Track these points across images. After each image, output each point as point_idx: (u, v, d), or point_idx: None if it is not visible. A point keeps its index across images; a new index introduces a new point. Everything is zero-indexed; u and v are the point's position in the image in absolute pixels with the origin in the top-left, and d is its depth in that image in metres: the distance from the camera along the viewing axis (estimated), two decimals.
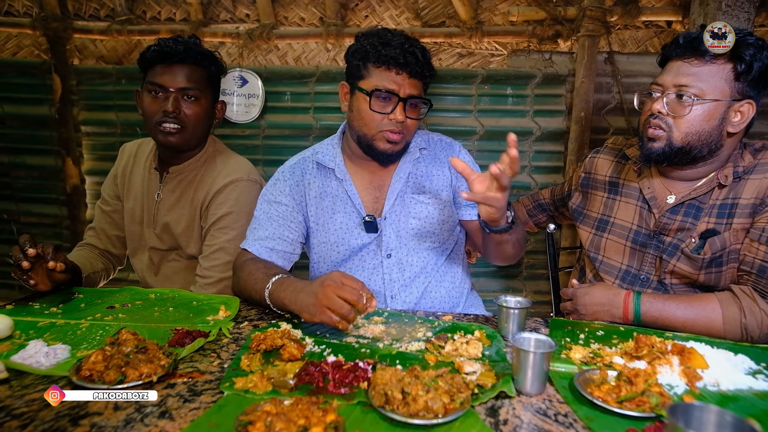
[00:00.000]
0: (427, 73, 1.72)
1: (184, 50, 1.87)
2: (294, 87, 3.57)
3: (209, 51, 1.98)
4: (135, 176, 2.11)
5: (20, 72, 3.75)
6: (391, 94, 1.66)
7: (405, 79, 1.67)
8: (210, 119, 2.02)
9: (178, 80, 1.87)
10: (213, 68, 1.97)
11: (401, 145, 1.76)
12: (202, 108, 1.94)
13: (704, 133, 1.54)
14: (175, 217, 2.00)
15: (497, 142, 3.48)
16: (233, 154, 2.13)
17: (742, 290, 1.51)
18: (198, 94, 1.91)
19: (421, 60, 1.68)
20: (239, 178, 1.97)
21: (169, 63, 1.87)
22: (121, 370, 1.07)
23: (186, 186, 2.01)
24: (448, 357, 1.25)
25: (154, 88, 1.88)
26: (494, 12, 3.43)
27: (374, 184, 1.85)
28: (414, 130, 1.79)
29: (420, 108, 1.76)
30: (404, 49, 1.64)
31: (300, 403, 0.93)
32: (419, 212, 1.83)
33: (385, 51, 1.65)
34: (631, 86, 3.32)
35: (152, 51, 1.88)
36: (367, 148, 1.76)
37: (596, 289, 1.64)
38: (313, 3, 3.52)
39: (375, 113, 1.69)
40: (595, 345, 1.35)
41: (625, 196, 1.79)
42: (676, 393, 1.12)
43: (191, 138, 1.95)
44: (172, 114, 1.86)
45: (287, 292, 1.44)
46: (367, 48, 1.68)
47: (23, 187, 3.91)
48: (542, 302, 3.64)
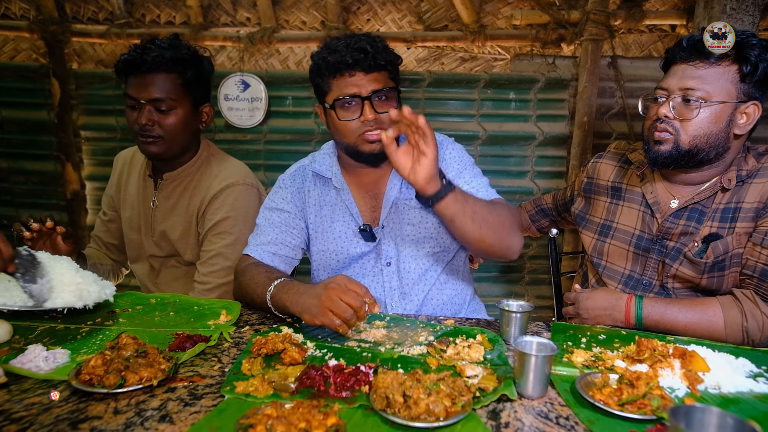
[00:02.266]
0: (384, 61, 1.65)
1: (153, 59, 1.79)
2: (296, 91, 3.58)
3: (188, 53, 1.90)
4: (130, 185, 2.09)
5: (18, 76, 3.75)
6: (354, 98, 1.63)
7: (362, 77, 1.63)
8: (193, 125, 1.96)
9: (148, 91, 1.82)
10: (189, 73, 1.89)
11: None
12: (177, 117, 1.88)
13: (712, 136, 1.53)
14: (171, 223, 1.99)
15: (500, 147, 3.47)
16: (228, 157, 2.10)
17: (743, 294, 1.50)
18: (172, 104, 1.85)
19: (371, 51, 1.61)
20: (235, 182, 1.95)
21: (139, 73, 1.82)
22: (120, 374, 1.07)
23: (181, 192, 1.99)
24: (450, 361, 1.25)
25: (129, 101, 1.84)
26: (497, 16, 3.44)
27: (371, 193, 1.84)
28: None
29: (392, 98, 1.69)
30: (350, 48, 1.60)
31: (301, 406, 0.92)
32: (413, 218, 1.81)
33: (332, 58, 1.62)
34: (634, 91, 3.32)
35: (123, 60, 1.82)
36: (356, 156, 1.73)
37: (598, 294, 1.64)
38: (314, 6, 3.53)
39: (346, 122, 1.66)
40: (597, 348, 1.35)
41: (628, 200, 1.79)
42: (677, 396, 1.11)
43: (172, 147, 1.91)
44: (145, 127, 1.82)
45: (289, 294, 1.44)
46: (319, 63, 1.67)
47: (23, 193, 3.91)
48: (545, 307, 3.64)
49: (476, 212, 1.53)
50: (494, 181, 2.15)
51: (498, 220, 1.60)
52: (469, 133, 3.48)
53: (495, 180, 2.85)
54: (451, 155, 1.84)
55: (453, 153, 1.85)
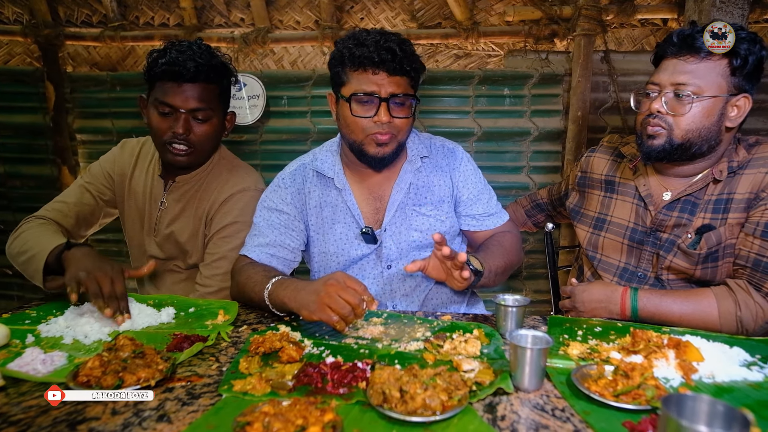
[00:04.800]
0: (409, 67, 1.63)
1: (196, 69, 1.76)
2: (291, 91, 3.58)
3: (221, 61, 1.89)
4: (137, 179, 2.03)
5: (12, 80, 3.74)
6: (372, 96, 1.61)
7: (384, 78, 1.61)
8: (221, 135, 1.96)
9: (189, 102, 1.79)
10: (225, 82, 1.90)
11: (391, 147, 1.69)
12: (212, 127, 1.88)
13: (704, 130, 1.54)
14: (180, 226, 1.97)
15: (495, 143, 3.47)
16: (239, 161, 2.09)
17: (737, 284, 1.51)
18: (210, 114, 1.84)
19: (399, 54, 1.59)
20: (247, 187, 1.94)
21: (179, 82, 1.78)
22: (118, 375, 1.07)
23: (191, 195, 1.97)
24: (447, 356, 1.25)
25: (162, 108, 1.79)
26: (490, 12, 3.44)
27: (374, 195, 1.82)
28: (406, 129, 1.71)
29: (408, 106, 1.68)
30: (379, 47, 1.57)
31: (298, 403, 0.93)
32: (420, 224, 1.80)
33: (359, 52, 1.59)
34: (627, 85, 3.33)
35: (161, 67, 1.77)
36: (359, 155, 1.72)
37: (594, 287, 1.65)
38: (308, 6, 3.53)
39: (359, 118, 1.64)
40: (592, 341, 1.36)
41: (622, 194, 1.80)
42: (672, 386, 1.12)
43: (200, 157, 1.91)
44: (182, 136, 1.80)
45: (287, 291, 1.44)
46: (343, 52, 1.63)
47: (19, 197, 3.91)
48: (542, 301, 3.64)
49: (498, 273, 1.72)
50: (490, 177, 2.16)
51: (514, 259, 1.82)
52: (465, 129, 3.48)
53: (491, 176, 2.86)
54: (466, 173, 1.87)
55: (468, 168, 1.88)
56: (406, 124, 1.69)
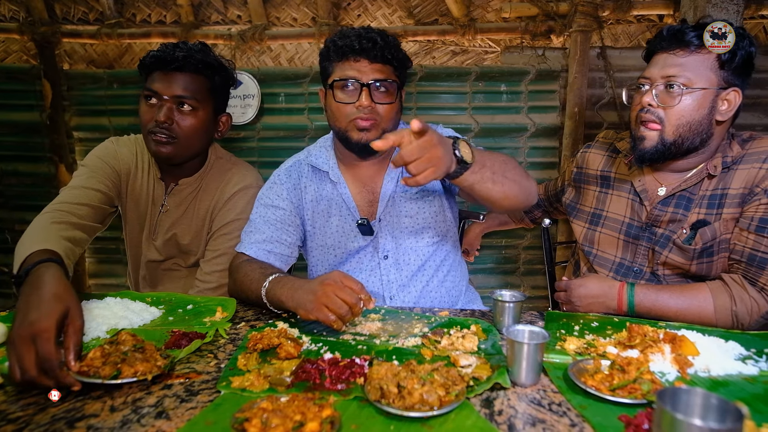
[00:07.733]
0: (390, 55, 1.67)
1: (184, 57, 1.76)
2: (288, 88, 3.58)
3: (217, 60, 1.88)
4: (137, 180, 1.98)
5: (9, 78, 3.73)
6: (353, 82, 1.65)
7: (366, 65, 1.66)
8: (209, 133, 1.93)
9: (173, 88, 1.77)
10: (217, 78, 1.88)
11: (374, 133, 1.68)
12: (198, 120, 1.84)
13: (695, 123, 1.55)
14: (182, 228, 1.96)
15: (492, 139, 3.48)
16: (237, 159, 2.08)
17: (732, 279, 1.53)
18: (195, 104, 1.81)
19: (380, 43, 1.64)
20: (249, 185, 1.95)
21: (166, 70, 1.78)
22: (116, 366, 1.08)
23: (193, 198, 1.97)
24: (444, 351, 1.26)
25: (149, 94, 1.78)
26: (487, 9, 3.44)
27: (368, 187, 1.84)
28: (390, 116, 1.72)
29: (392, 92, 1.70)
30: (360, 37, 1.63)
31: (296, 399, 0.93)
32: (410, 210, 1.82)
33: (342, 42, 1.65)
34: (623, 81, 3.34)
35: (150, 56, 1.79)
36: (345, 142, 1.74)
37: (591, 281, 1.65)
38: (305, 3, 3.52)
39: (341, 105, 1.67)
40: (589, 336, 1.36)
41: (617, 189, 1.80)
42: (667, 380, 1.13)
43: (184, 151, 1.85)
44: (164, 124, 1.77)
45: (285, 289, 1.44)
46: (329, 46, 1.70)
47: (16, 195, 3.89)
48: (540, 297, 3.66)
49: (495, 173, 1.48)
50: None
51: (514, 172, 1.55)
52: (462, 126, 3.48)
53: None
54: None
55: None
56: (390, 110, 1.71)
